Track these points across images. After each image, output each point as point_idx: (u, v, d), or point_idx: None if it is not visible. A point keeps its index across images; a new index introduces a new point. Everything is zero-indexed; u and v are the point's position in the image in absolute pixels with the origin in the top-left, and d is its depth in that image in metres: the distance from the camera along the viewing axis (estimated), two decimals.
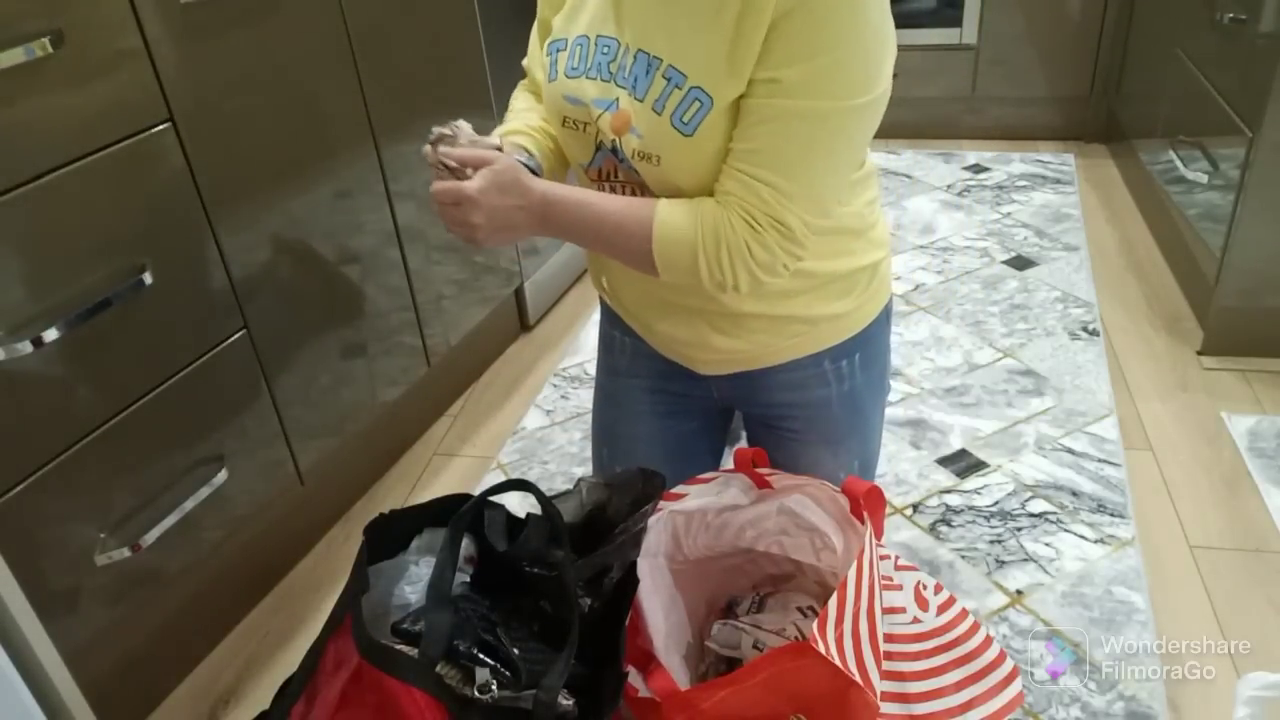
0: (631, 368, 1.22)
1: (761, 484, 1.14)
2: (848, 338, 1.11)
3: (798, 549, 1.11)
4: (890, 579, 1.04)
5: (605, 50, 0.96)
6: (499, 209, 0.92)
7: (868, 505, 1.02)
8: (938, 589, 1.06)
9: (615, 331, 1.23)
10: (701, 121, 0.90)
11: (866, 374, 1.15)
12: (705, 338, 1.09)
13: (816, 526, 1.07)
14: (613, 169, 1.01)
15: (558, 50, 1.01)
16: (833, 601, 0.92)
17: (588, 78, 0.98)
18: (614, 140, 0.97)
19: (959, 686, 1.00)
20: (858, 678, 0.89)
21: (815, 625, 0.90)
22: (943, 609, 1.05)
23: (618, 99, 0.95)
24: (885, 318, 1.16)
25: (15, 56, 0.89)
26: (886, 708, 0.96)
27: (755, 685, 0.92)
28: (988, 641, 1.03)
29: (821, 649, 0.88)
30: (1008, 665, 1.01)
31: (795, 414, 1.16)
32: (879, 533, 1.07)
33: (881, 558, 1.03)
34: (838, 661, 0.88)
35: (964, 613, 1.05)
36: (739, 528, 1.13)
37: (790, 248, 0.92)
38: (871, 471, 1.23)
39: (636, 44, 0.93)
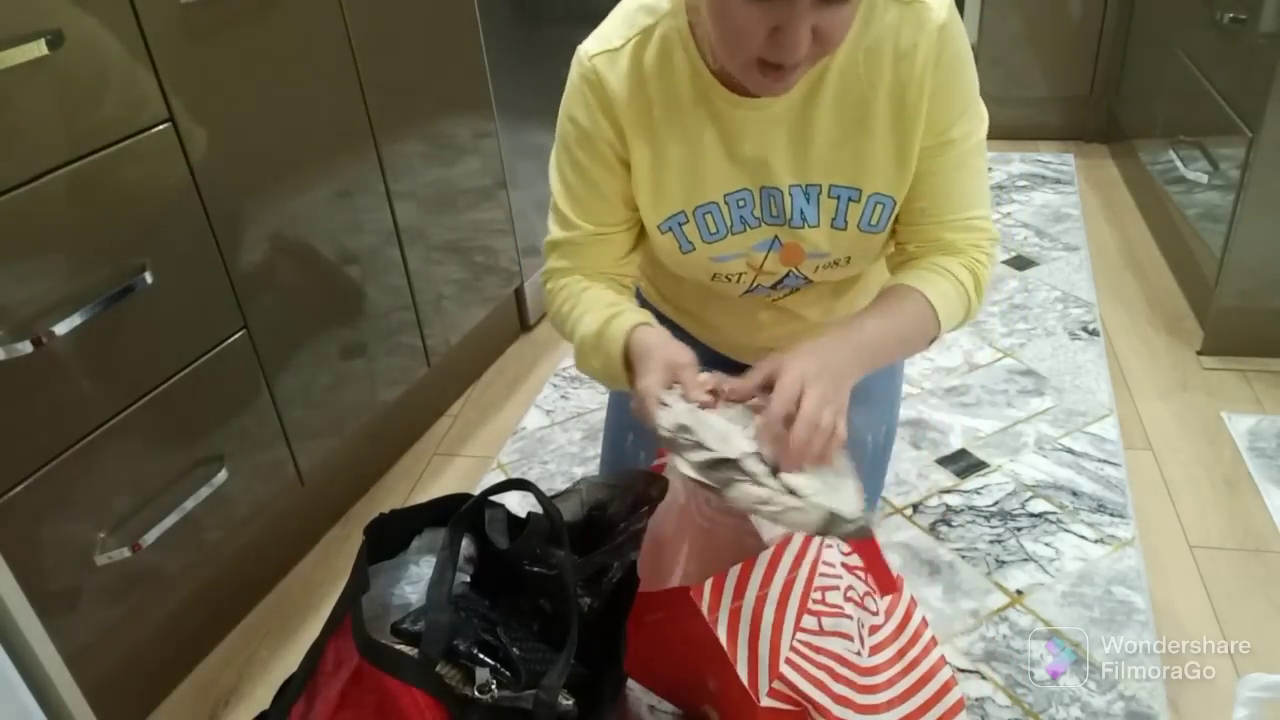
0: None
1: None
2: None
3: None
4: (840, 608, 0.96)
5: (742, 203, 0.99)
6: (837, 375, 0.87)
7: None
8: (873, 630, 1.00)
9: None
10: (888, 217, 0.99)
11: None
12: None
13: None
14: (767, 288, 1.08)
15: (679, 224, 1.01)
16: (734, 571, 0.91)
17: (733, 234, 1.01)
18: (788, 270, 1.04)
19: (923, 710, 0.98)
20: (735, 660, 0.89)
21: (709, 582, 0.91)
22: (876, 650, 0.99)
23: (776, 236, 1.01)
24: None
25: (15, 56, 0.89)
26: None
27: (659, 622, 0.94)
28: (932, 643, 1.00)
29: (703, 607, 0.89)
30: (946, 671, 0.98)
31: None
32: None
33: (829, 588, 0.96)
34: (721, 635, 0.88)
35: (899, 629, 1.01)
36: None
37: (995, 252, 1.03)
38: (892, 442, 1.26)
39: (788, 181, 0.97)
